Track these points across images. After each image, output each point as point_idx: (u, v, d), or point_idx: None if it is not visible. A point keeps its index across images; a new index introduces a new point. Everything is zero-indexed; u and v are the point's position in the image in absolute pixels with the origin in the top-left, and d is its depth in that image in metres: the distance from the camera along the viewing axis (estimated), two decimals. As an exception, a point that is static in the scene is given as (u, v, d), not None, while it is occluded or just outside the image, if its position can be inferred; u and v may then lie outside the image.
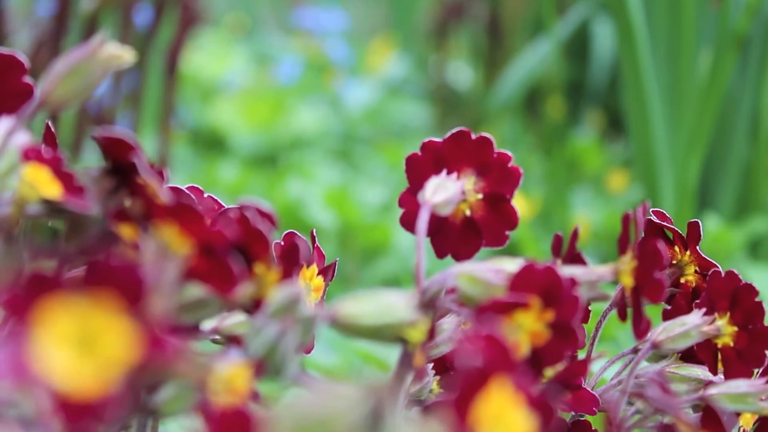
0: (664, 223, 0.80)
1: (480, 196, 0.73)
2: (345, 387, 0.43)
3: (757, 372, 0.73)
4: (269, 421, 0.40)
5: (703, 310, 0.75)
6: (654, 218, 0.79)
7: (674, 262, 0.81)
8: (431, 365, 0.75)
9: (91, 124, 1.85)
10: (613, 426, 0.50)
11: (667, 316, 0.80)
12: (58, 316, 0.40)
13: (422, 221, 0.70)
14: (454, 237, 0.73)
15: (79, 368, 0.40)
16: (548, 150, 1.90)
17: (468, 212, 0.73)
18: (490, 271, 0.65)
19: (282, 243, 0.67)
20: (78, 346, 0.40)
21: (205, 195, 0.69)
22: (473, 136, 0.73)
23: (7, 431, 0.51)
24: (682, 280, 0.81)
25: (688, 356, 0.78)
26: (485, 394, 0.46)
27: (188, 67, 2.15)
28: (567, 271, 0.63)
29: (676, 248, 0.81)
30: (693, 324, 0.75)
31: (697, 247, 0.82)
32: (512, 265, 0.65)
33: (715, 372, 0.74)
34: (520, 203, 1.71)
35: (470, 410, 0.46)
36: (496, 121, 2.04)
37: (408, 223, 0.73)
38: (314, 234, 0.75)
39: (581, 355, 0.76)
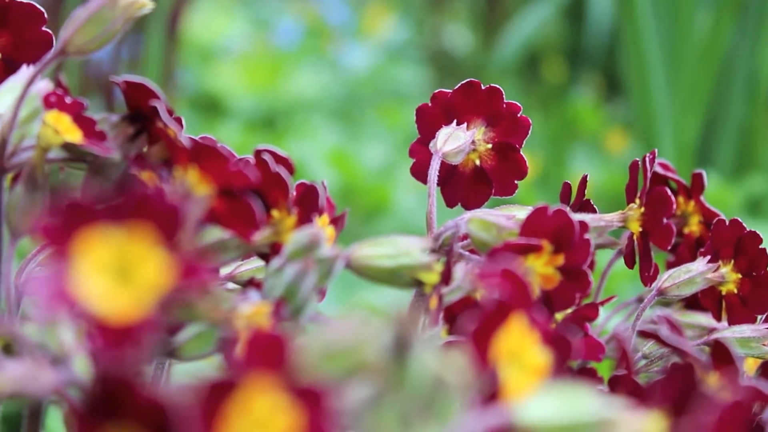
0: (669, 174, 0.82)
1: (489, 145, 0.74)
2: (370, 318, 0.45)
3: (761, 318, 0.74)
4: (299, 347, 0.41)
5: (708, 258, 0.77)
6: (659, 169, 0.80)
7: (678, 212, 0.83)
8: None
9: (93, 89, 1.85)
10: (627, 361, 0.51)
11: (671, 265, 0.81)
12: (96, 244, 0.41)
13: (433, 170, 0.71)
14: (464, 185, 0.74)
15: (117, 293, 0.41)
16: (547, 112, 1.91)
17: (478, 161, 0.74)
18: (501, 216, 0.66)
19: (296, 191, 0.69)
20: (115, 272, 0.41)
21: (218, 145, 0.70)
22: (483, 87, 0.75)
23: (38, 368, 0.52)
24: (686, 230, 0.83)
25: (692, 304, 0.80)
26: (505, 328, 0.47)
27: (188, 31, 2.15)
28: (577, 216, 0.64)
29: (680, 199, 0.82)
30: (698, 271, 0.77)
31: (701, 198, 0.83)
32: (523, 212, 0.67)
33: (719, 318, 0.76)
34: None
35: (490, 343, 0.47)
36: (494, 83, 2.05)
37: (419, 172, 0.74)
38: (325, 184, 0.76)
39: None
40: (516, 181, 0.76)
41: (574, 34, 2.18)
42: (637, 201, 0.69)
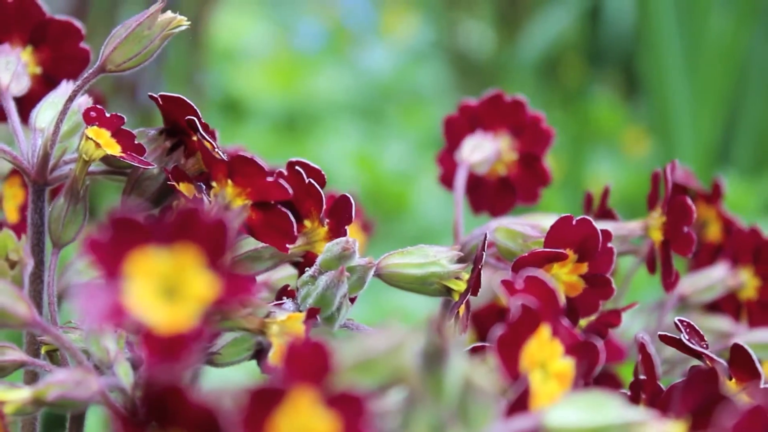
0: (688, 181, 0.84)
1: (514, 155, 0.77)
2: (403, 326, 0.47)
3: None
4: (337, 353, 0.43)
5: (727, 264, 0.79)
6: (679, 176, 0.82)
7: (697, 219, 0.85)
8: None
9: (116, 91, 1.88)
10: (650, 366, 0.53)
11: (690, 270, 0.83)
12: (145, 259, 0.43)
13: (460, 179, 0.74)
14: (489, 194, 0.77)
15: (166, 306, 0.43)
16: (566, 112, 1.92)
17: (503, 170, 0.77)
18: (527, 225, 0.68)
19: (327, 201, 0.71)
20: (164, 286, 0.44)
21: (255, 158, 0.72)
22: (508, 99, 0.77)
23: (85, 374, 0.55)
24: (706, 236, 0.85)
25: (712, 307, 0.81)
26: (533, 336, 0.50)
27: (210, 34, 2.17)
28: (600, 225, 0.66)
29: (700, 205, 0.84)
30: (718, 278, 0.79)
31: (720, 205, 0.85)
32: (548, 221, 0.69)
33: (738, 323, 0.78)
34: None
35: (519, 350, 0.49)
36: (513, 83, 2.06)
37: (446, 180, 0.77)
38: (354, 194, 0.78)
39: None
40: (539, 189, 0.78)
41: (592, 33, 2.19)
42: (659, 210, 0.71)
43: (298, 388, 0.42)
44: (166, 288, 0.44)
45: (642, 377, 0.58)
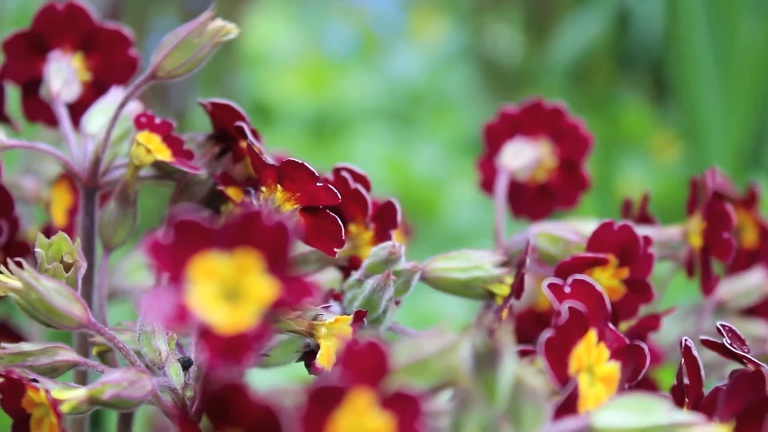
0: (724, 187, 0.84)
1: (554, 161, 0.78)
2: (454, 328, 0.48)
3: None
4: (392, 354, 0.44)
5: (763, 269, 0.80)
6: (717, 182, 0.83)
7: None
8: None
9: (147, 95, 1.89)
10: (694, 370, 0.54)
11: (725, 276, 0.84)
12: (207, 261, 0.44)
13: (501, 185, 0.75)
14: (529, 198, 0.78)
15: (228, 308, 0.44)
16: (594, 115, 1.93)
17: (542, 176, 0.78)
18: (568, 230, 0.69)
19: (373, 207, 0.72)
20: (227, 289, 0.45)
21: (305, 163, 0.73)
22: (547, 105, 0.78)
23: (139, 374, 0.56)
24: (741, 241, 0.86)
25: (748, 313, 0.82)
26: (581, 338, 0.50)
27: (241, 38, 2.19)
28: (641, 230, 0.67)
29: (736, 210, 0.85)
30: (754, 283, 0.79)
31: (756, 210, 0.86)
32: (588, 226, 0.70)
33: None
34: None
35: (568, 353, 0.50)
36: (542, 87, 2.07)
37: (486, 186, 0.78)
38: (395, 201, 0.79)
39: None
40: (579, 194, 0.79)
41: (621, 38, 2.19)
42: (698, 215, 0.72)
43: (357, 387, 0.43)
44: (228, 289, 0.45)
45: (685, 380, 0.59)
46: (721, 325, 0.62)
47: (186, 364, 0.59)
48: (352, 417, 0.43)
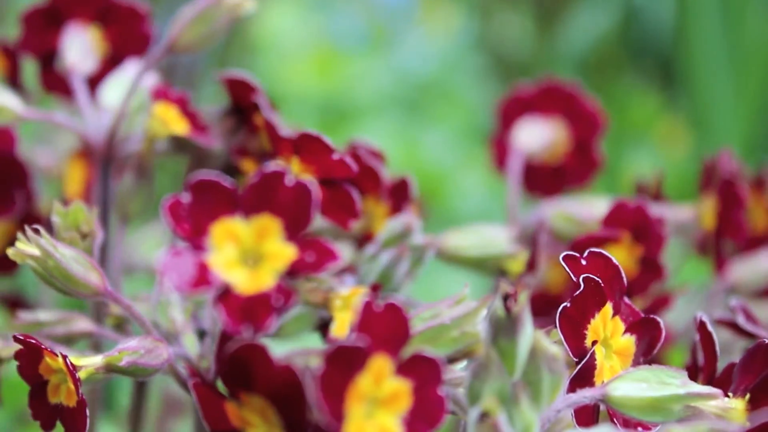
0: (735, 169, 0.84)
1: (567, 140, 0.78)
2: (472, 297, 0.48)
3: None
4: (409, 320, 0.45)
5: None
6: (728, 165, 0.83)
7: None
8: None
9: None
10: (709, 346, 0.54)
11: (734, 258, 0.84)
12: (230, 223, 0.45)
13: (515, 162, 0.75)
14: (542, 177, 0.78)
15: (249, 269, 0.44)
16: (602, 103, 1.92)
17: (555, 155, 0.78)
18: (581, 208, 0.70)
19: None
20: (248, 251, 0.45)
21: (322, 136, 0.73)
22: (561, 85, 0.78)
23: (156, 343, 0.56)
24: (750, 222, 0.86)
25: (758, 295, 0.82)
26: (598, 310, 0.51)
27: (250, 25, 2.19)
28: (654, 210, 0.67)
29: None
30: (765, 266, 0.79)
31: (765, 194, 0.86)
32: (600, 204, 0.70)
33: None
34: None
35: (585, 325, 0.50)
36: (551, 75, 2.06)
37: (499, 163, 0.78)
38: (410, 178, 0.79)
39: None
40: (591, 174, 0.79)
41: (630, 26, 2.19)
42: (711, 197, 0.72)
43: (377, 350, 0.43)
44: (248, 251, 0.45)
45: (699, 358, 0.59)
46: (736, 304, 0.62)
47: (202, 335, 0.60)
48: (372, 380, 0.43)
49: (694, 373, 0.59)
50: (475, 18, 2.43)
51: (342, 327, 0.60)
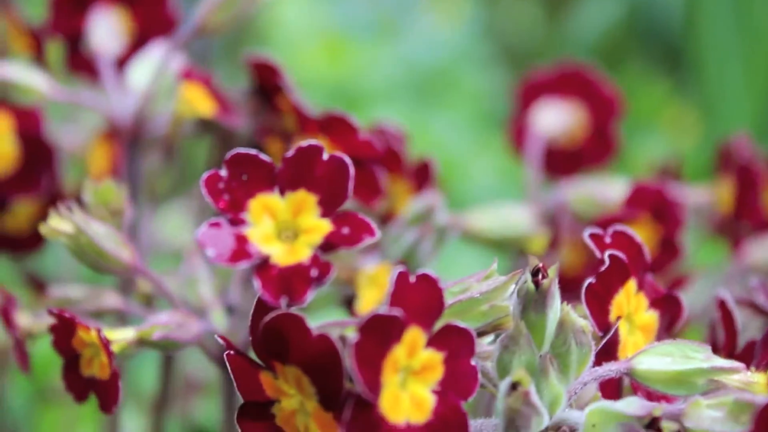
0: (748, 152, 0.85)
1: (584, 123, 0.79)
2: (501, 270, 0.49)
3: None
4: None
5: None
6: (743, 148, 0.84)
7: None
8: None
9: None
10: (730, 324, 0.55)
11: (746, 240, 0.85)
12: (268, 197, 0.45)
13: (534, 144, 0.76)
14: (559, 158, 0.79)
15: (286, 242, 0.45)
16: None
17: (573, 137, 0.79)
18: (601, 190, 0.71)
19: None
20: (285, 224, 0.46)
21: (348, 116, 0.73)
22: (579, 69, 0.79)
23: (186, 317, 0.57)
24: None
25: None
26: (623, 286, 0.51)
27: (258, 12, 2.18)
28: (673, 192, 0.68)
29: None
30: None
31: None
32: (619, 186, 0.71)
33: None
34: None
35: (609, 300, 0.51)
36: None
37: (517, 144, 0.79)
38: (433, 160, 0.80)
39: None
40: (607, 156, 0.81)
41: (638, 13, 2.19)
42: (729, 180, 0.73)
43: (410, 320, 0.44)
44: (286, 224, 0.46)
45: (719, 335, 0.60)
46: (756, 283, 0.63)
47: (231, 310, 0.61)
48: (406, 350, 0.44)
49: (713, 351, 0.60)
50: (484, 6, 2.43)
51: (367, 303, 0.61)
